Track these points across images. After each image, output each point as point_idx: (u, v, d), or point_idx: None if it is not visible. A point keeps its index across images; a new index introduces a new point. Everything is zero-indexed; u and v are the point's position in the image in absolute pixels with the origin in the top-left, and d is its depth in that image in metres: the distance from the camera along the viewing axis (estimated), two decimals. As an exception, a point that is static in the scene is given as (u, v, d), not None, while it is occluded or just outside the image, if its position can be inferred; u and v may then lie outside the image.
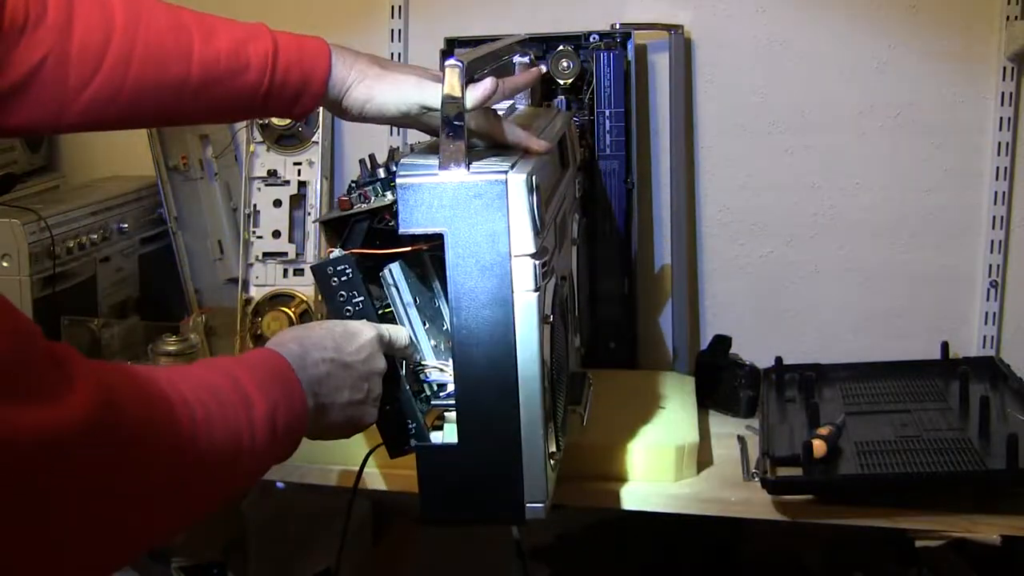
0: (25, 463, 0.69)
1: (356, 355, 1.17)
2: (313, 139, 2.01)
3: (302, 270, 2.00)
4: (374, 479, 1.60)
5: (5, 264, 1.72)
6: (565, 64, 1.87)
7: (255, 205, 2.01)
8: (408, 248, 1.22)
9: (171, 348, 1.72)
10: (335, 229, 1.29)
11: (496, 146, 1.28)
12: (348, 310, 1.23)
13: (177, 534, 0.91)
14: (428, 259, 1.26)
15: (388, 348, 1.22)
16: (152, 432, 0.83)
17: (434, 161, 1.17)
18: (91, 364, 0.78)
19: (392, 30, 2.04)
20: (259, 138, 2.01)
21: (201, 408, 0.90)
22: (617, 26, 1.90)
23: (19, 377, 0.70)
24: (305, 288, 1.99)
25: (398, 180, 1.17)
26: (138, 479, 0.81)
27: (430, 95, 1.25)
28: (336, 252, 1.23)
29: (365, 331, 1.20)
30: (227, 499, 0.96)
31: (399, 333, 1.25)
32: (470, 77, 1.18)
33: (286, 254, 2.00)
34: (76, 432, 0.73)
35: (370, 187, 1.28)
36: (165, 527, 0.88)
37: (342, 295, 1.22)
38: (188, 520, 0.91)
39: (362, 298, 1.22)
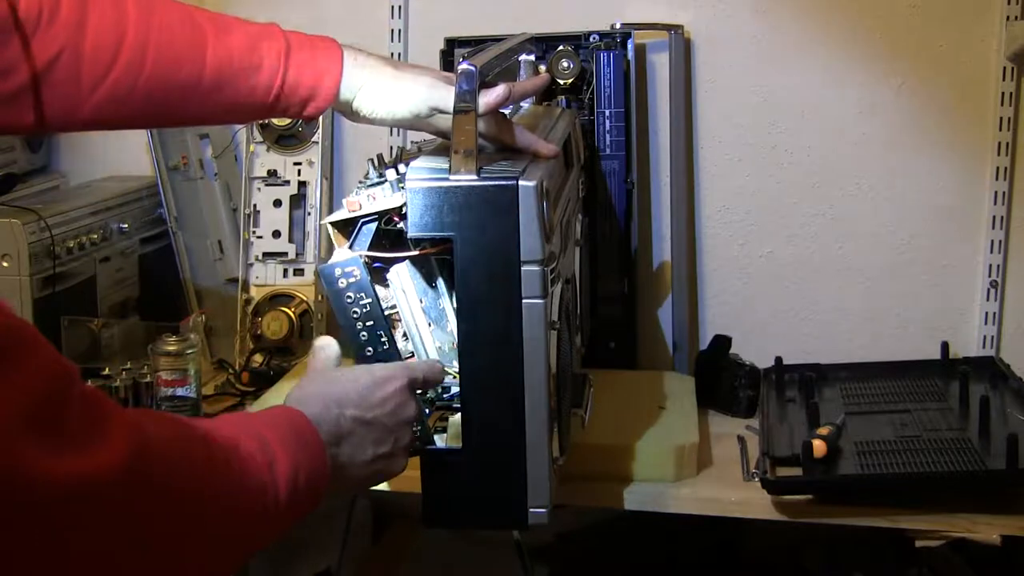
0: (57, 511, 0.69)
1: (382, 408, 1.14)
2: (313, 139, 2.01)
3: (302, 270, 2.00)
4: (375, 479, 1.59)
5: (5, 264, 1.72)
6: (565, 64, 1.87)
7: (255, 205, 2.01)
8: (416, 252, 1.22)
9: (171, 348, 1.71)
10: (342, 230, 1.28)
11: (504, 149, 1.28)
12: (355, 311, 1.22)
13: None
14: (434, 260, 1.26)
15: (423, 386, 1.20)
16: (181, 483, 0.82)
17: (444, 164, 1.17)
18: (123, 411, 0.78)
19: (392, 30, 2.03)
20: (259, 138, 2.01)
21: (224, 464, 0.89)
22: (617, 26, 1.90)
23: (54, 422, 0.69)
24: (305, 288, 1.99)
25: (408, 184, 1.17)
26: (165, 530, 0.80)
27: (442, 98, 1.25)
28: (344, 253, 1.23)
29: (395, 379, 1.16)
30: (246, 557, 0.95)
31: (434, 370, 1.22)
32: (482, 80, 1.18)
33: (286, 254, 2.00)
34: (109, 481, 0.72)
35: (378, 188, 1.28)
36: None
37: (349, 296, 1.22)
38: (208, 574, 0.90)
39: (369, 299, 1.22)
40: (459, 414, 1.23)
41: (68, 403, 0.72)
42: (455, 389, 1.24)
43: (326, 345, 1.22)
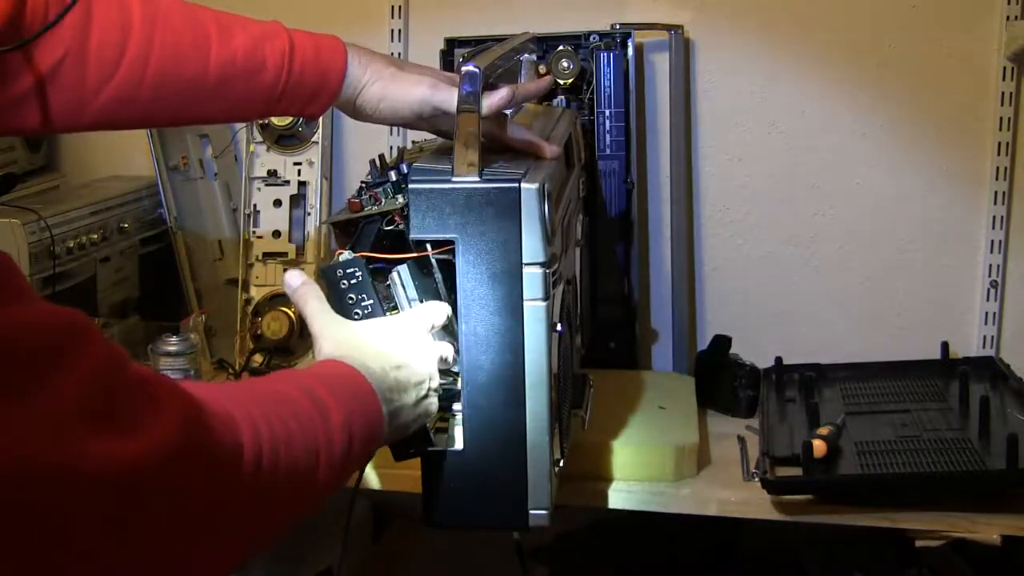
0: (116, 493, 0.69)
1: (412, 352, 1.14)
2: (313, 139, 2.01)
3: (302, 270, 1.99)
4: (374, 479, 1.60)
5: (5, 264, 1.71)
6: (565, 64, 1.87)
7: (255, 205, 2.01)
8: (418, 253, 1.22)
9: (171, 348, 1.71)
10: (344, 230, 1.28)
11: (506, 150, 1.28)
12: (357, 313, 1.22)
13: (255, 554, 0.89)
14: (436, 261, 1.26)
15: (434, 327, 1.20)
16: (233, 453, 0.82)
17: (446, 166, 1.17)
18: (173, 385, 0.78)
19: (392, 30, 2.04)
20: (259, 138, 2.01)
21: (280, 424, 0.89)
22: (617, 26, 1.90)
23: (109, 407, 0.70)
24: (305, 288, 1.98)
25: (411, 185, 1.17)
26: (219, 502, 0.80)
27: (445, 98, 1.25)
28: (346, 254, 1.22)
29: (411, 324, 1.18)
30: (305, 514, 0.95)
31: (437, 310, 1.21)
32: (485, 81, 1.18)
33: (286, 254, 2.00)
34: (163, 458, 0.72)
35: (380, 189, 1.28)
36: (244, 547, 0.87)
37: (351, 298, 1.21)
38: (268, 539, 0.90)
39: (371, 301, 1.22)
40: (460, 415, 1.23)
41: (122, 387, 0.72)
42: (457, 390, 1.24)
43: (302, 282, 1.19)
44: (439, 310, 1.20)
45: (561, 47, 1.87)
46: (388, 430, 1.09)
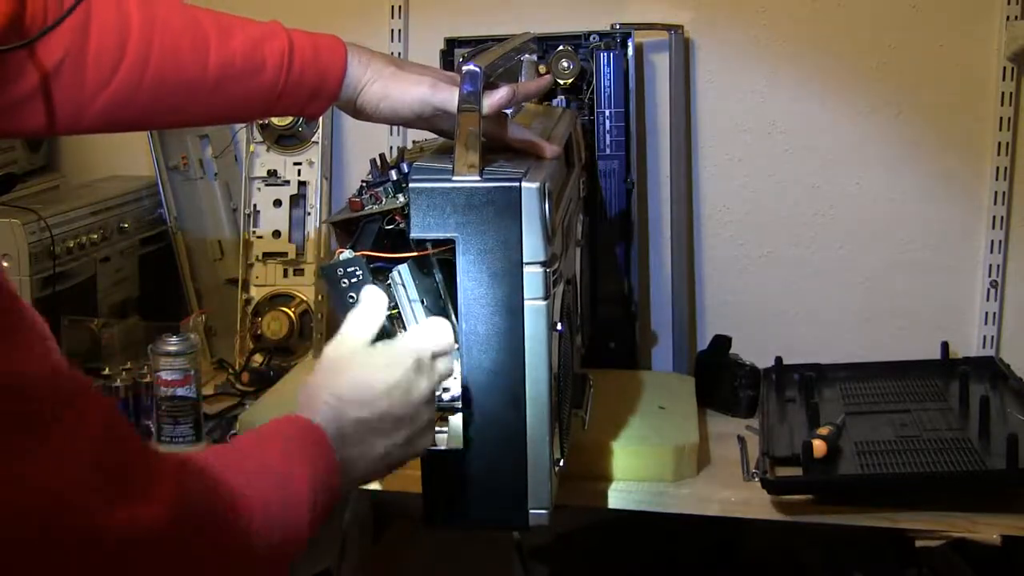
0: (118, 557, 0.70)
1: (388, 398, 1.07)
2: (313, 139, 2.02)
3: (302, 270, 2.00)
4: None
5: (5, 264, 1.71)
6: (565, 64, 1.87)
7: (255, 205, 2.01)
8: (418, 252, 1.22)
9: (171, 348, 1.71)
10: (345, 229, 1.28)
11: (506, 149, 1.28)
12: None
13: None
14: (436, 260, 1.26)
15: (435, 358, 1.14)
16: (220, 519, 0.83)
17: (447, 165, 1.17)
18: (164, 455, 0.79)
19: (392, 30, 2.04)
20: (259, 138, 2.01)
21: (258, 492, 0.89)
22: (617, 26, 1.90)
23: (113, 471, 0.71)
24: (305, 288, 1.99)
25: (411, 184, 1.17)
26: (213, 559, 0.82)
27: (445, 98, 1.25)
28: (346, 253, 1.22)
29: (397, 365, 1.09)
30: (282, 571, 0.95)
31: (441, 338, 1.14)
32: (485, 81, 1.18)
33: (286, 254, 2.00)
34: (162, 525, 0.73)
35: (381, 188, 1.28)
36: None
37: (351, 296, 1.21)
38: None
39: None
40: (460, 415, 1.23)
41: (124, 452, 0.73)
42: (456, 390, 1.24)
43: (374, 301, 1.14)
44: (441, 333, 1.14)
45: (561, 47, 1.87)
46: (343, 483, 1.05)
